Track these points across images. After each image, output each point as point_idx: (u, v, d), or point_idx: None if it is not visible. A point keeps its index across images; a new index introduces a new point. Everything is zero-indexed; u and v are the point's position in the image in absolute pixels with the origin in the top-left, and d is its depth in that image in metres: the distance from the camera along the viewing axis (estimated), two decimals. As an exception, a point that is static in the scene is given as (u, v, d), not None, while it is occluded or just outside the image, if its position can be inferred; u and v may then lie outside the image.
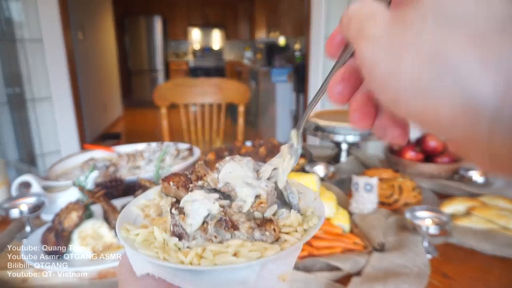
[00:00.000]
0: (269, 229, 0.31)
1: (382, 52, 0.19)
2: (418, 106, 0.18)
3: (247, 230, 0.31)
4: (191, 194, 0.34)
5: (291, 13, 4.98)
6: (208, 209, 0.32)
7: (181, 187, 0.36)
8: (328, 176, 1.22)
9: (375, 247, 0.83)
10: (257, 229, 0.31)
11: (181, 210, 0.33)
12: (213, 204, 0.33)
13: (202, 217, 0.32)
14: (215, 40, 8.66)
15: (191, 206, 0.32)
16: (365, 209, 0.97)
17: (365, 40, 0.20)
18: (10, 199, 0.94)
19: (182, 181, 0.37)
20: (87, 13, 5.00)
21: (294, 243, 0.31)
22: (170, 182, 0.37)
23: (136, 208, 0.38)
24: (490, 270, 0.78)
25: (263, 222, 0.32)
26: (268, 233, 0.31)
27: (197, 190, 0.34)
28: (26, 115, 2.57)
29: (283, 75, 4.63)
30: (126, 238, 0.33)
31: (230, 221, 0.32)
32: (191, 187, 0.36)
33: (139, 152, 1.32)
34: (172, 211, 0.33)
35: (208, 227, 0.32)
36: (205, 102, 1.99)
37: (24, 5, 2.43)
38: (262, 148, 1.34)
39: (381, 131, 0.26)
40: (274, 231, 0.31)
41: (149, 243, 0.32)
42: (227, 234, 0.31)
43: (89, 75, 4.92)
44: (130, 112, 7.31)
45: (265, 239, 0.31)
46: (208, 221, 0.32)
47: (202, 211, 0.32)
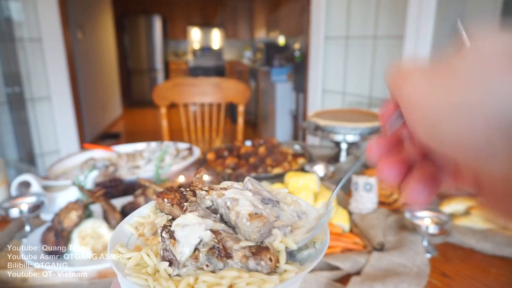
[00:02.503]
0: (264, 258, 0.29)
1: (422, 86, 0.22)
2: (456, 131, 0.20)
3: (240, 259, 0.29)
4: (183, 217, 0.32)
5: (290, 12, 4.98)
6: (200, 236, 0.30)
7: (176, 205, 0.34)
8: (328, 176, 1.22)
9: (374, 247, 0.83)
10: (252, 258, 0.29)
11: (171, 234, 0.31)
12: (204, 231, 0.31)
13: (193, 245, 0.30)
14: (214, 40, 8.65)
15: (182, 232, 0.31)
16: (365, 208, 0.97)
17: (407, 81, 0.23)
18: (10, 198, 0.93)
19: (177, 199, 0.35)
20: (87, 13, 5.00)
21: (294, 275, 0.29)
22: (164, 198, 0.35)
23: (130, 227, 0.36)
24: (489, 269, 0.78)
25: (258, 250, 0.30)
26: (264, 263, 0.29)
27: (190, 214, 0.32)
28: (26, 114, 2.57)
29: (283, 75, 4.63)
30: (117, 262, 0.31)
31: (223, 248, 0.30)
32: (185, 206, 0.34)
33: (139, 152, 1.32)
34: (163, 234, 0.31)
35: (200, 255, 0.30)
36: (205, 102, 1.99)
37: (23, 5, 2.43)
38: (261, 147, 1.34)
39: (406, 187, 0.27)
40: (270, 261, 0.29)
41: (141, 267, 0.31)
42: (219, 263, 0.30)
43: (89, 75, 4.92)
44: (130, 112, 7.31)
45: (260, 269, 0.29)
46: (200, 249, 0.30)
47: (193, 239, 0.30)
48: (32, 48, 2.47)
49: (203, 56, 8.54)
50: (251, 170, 1.22)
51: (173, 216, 0.34)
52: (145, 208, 0.38)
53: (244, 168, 1.22)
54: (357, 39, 2.41)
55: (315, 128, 1.41)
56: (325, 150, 1.61)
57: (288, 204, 0.36)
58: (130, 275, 0.29)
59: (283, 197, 0.37)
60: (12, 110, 2.59)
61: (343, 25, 2.47)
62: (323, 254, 0.31)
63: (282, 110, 4.61)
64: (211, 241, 0.30)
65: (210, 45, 8.64)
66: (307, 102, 2.81)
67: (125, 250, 0.33)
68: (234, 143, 1.43)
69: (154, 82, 7.79)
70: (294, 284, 0.29)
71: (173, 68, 8.31)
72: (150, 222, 0.36)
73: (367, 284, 0.69)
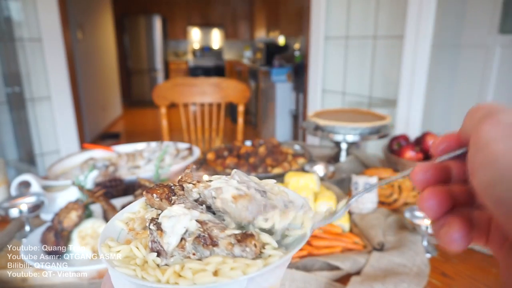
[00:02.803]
0: (249, 245, 0.30)
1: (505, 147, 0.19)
2: None
3: (226, 247, 0.30)
4: (169, 209, 0.33)
5: (290, 12, 4.98)
6: (185, 226, 0.31)
7: (164, 199, 0.35)
8: (328, 176, 1.22)
9: (374, 247, 0.83)
10: (237, 245, 0.30)
11: (159, 225, 0.32)
12: (190, 221, 0.31)
13: (179, 235, 0.31)
14: (214, 40, 8.65)
15: (169, 223, 0.31)
16: (365, 208, 0.97)
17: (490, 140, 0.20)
18: (10, 198, 0.93)
19: (165, 193, 0.36)
20: (87, 13, 5.00)
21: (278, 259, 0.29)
22: (153, 194, 0.36)
23: (120, 222, 0.37)
24: (489, 269, 0.78)
25: (243, 237, 0.30)
26: (249, 249, 0.30)
27: (176, 206, 0.33)
28: (26, 114, 2.57)
29: (283, 75, 4.63)
30: (106, 255, 0.32)
31: (209, 237, 0.31)
32: (173, 199, 0.35)
33: (139, 152, 1.32)
34: (150, 226, 0.32)
35: (186, 244, 0.31)
36: (205, 102, 1.99)
37: (23, 5, 2.43)
38: (261, 147, 1.34)
39: (441, 227, 0.26)
40: (255, 247, 0.30)
41: (130, 259, 0.32)
42: (206, 251, 0.30)
43: (89, 75, 4.92)
44: (130, 112, 7.31)
45: (246, 256, 0.30)
46: (186, 238, 0.31)
47: (179, 229, 0.31)
48: (32, 48, 2.47)
49: (203, 56, 8.54)
50: (251, 170, 1.22)
51: (162, 211, 0.35)
52: (136, 204, 0.39)
53: (244, 168, 1.22)
54: (357, 39, 2.41)
55: (315, 128, 1.41)
56: (325, 150, 1.61)
57: (275, 194, 0.36)
58: (119, 266, 0.30)
59: (270, 187, 0.38)
60: (12, 110, 2.59)
61: (343, 25, 2.47)
62: (307, 238, 0.32)
63: (282, 110, 4.61)
64: (197, 230, 0.31)
65: (210, 45, 8.64)
66: (307, 102, 2.81)
67: (115, 243, 0.34)
68: (234, 143, 1.43)
69: (154, 82, 7.79)
70: (279, 268, 0.30)
71: (173, 68, 8.31)
72: (140, 217, 0.37)
73: (367, 284, 0.69)
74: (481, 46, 2.07)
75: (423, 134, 1.30)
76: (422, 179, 0.26)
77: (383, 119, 1.41)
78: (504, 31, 1.97)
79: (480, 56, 2.08)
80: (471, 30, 2.11)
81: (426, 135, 1.28)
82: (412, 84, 2.06)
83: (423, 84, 2.04)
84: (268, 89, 4.90)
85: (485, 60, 2.05)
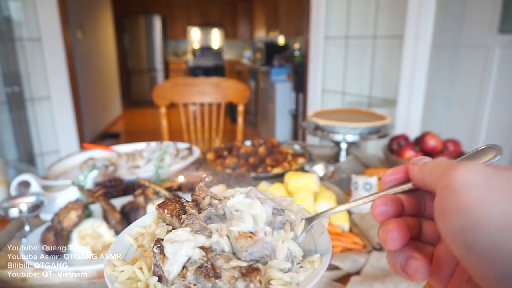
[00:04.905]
0: (254, 280, 0.28)
1: (479, 195, 0.19)
2: None
3: (229, 280, 0.28)
4: (174, 233, 0.31)
5: (290, 12, 4.97)
6: (188, 255, 0.30)
7: (175, 217, 0.34)
8: (328, 176, 1.22)
9: (374, 246, 0.83)
10: (241, 279, 0.28)
11: (162, 249, 0.31)
12: (194, 249, 0.30)
13: (181, 263, 0.30)
14: (214, 40, 8.65)
15: (171, 248, 0.30)
16: (364, 208, 0.97)
17: (463, 187, 0.20)
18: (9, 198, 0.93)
19: (176, 210, 0.35)
20: (86, 12, 4.99)
21: None
22: (165, 209, 0.35)
23: (129, 238, 0.36)
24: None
25: (248, 271, 0.29)
26: (253, 285, 0.28)
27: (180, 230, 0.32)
28: (25, 114, 2.56)
29: (283, 75, 4.63)
30: (110, 276, 0.32)
31: (212, 268, 0.29)
32: (183, 218, 0.34)
33: (139, 152, 1.32)
34: (154, 249, 0.31)
35: (187, 273, 0.30)
36: (205, 102, 1.99)
37: (23, 4, 2.43)
38: (261, 147, 1.34)
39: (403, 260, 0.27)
40: (259, 283, 0.28)
41: (133, 281, 0.31)
42: (207, 283, 0.29)
43: (88, 75, 4.92)
44: (130, 112, 7.31)
45: None
46: (188, 267, 0.30)
47: (181, 257, 0.30)
48: (31, 48, 2.47)
49: (203, 56, 8.54)
50: (250, 170, 1.22)
51: (173, 227, 0.34)
52: (147, 218, 0.38)
53: (244, 168, 1.22)
54: (356, 39, 2.41)
55: (315, 128, 1.41)
56: (325, 150, 1.61)
57: (294, 212, 0.36)
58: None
59: (288, 204, 0.37)
60: (11, 110, 2.59)
61: (343, 25, 2.47)
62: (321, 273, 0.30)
63: (282, 110, 4.61)
64: (200, 260, 0.30)
65: (210, 45, 8.64)
66: (307, 102, 2.81)
67: (120, 262, 0.33)
68: (234, 143, 1.43)
69: (154, 82, 7.79)
70: None
71: (173, 68, 8.31)
72: (150, 233, 0.36)
73: (367, 284, 0.69)
74: (481, 46, 2.07)
75: (422, 134, 1.30)
76: (382, 211, 0.28)
77: (382, 119, 1.41)
78: (503, 31, 1.97)
79: (479, 56, 2.08)
80: (471, 30, 2.11)
81: (425, 135, 1.28)
82: (411, 84, 2.06)
83: (423, 84, 2.04)
84: (268, 89, 4.90)
85: (485, 60, 2.05)
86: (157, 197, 0.91)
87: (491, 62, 2.02)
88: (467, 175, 0.20)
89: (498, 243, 0.18)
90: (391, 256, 0.28)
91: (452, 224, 0.20)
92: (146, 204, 0.89)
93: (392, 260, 0.27)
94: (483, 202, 0.19)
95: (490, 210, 0.19)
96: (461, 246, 0.20)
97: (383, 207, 0.28)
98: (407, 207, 0.28)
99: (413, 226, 0.28)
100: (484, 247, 0.19)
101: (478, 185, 0.20)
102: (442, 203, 0.21)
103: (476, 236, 0.19)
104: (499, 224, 0.18)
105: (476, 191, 0.20)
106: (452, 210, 0.20)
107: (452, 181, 0.21)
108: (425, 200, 0.29)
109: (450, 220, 0.20)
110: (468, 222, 0.19)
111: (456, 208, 0.20)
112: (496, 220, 0.18)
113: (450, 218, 0.20)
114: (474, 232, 0.19)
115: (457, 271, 0.25)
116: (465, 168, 0.21)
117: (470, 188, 0.20)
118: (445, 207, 0.21)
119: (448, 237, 0.21)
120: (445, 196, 0.21)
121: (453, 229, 0.20)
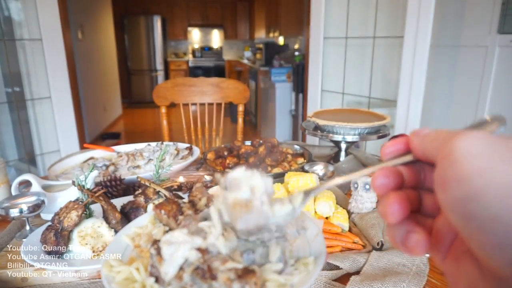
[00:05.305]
0: (249, 282, 0.28)
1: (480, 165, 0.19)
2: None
3: (225, 281, 0.29)
4: (171, 234, 0.31)
5: (290, 13, 4.98)
6: (184, 256, 0.30)
7: (171, 217, 0.35)
8: (327, 176, 1.22)
9: (374, 246, 0.83)
10: (237, 281, 0.28)
11: (159, 250, 0.31)
12: (190, 250, 0.30)
13: (178, 265, 0.30)
14: (214, 40, 8.65)
15: (168, 250, 0.30)
16: (364, 208, 0.97)
17: (464, 156, 0.20)
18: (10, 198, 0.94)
19: (173, 211, 0.35)
20: (87, 13, 5.00)
21: None
22: (162, 210, 0.35)
23: (126, 238, 0.36)
24: (488, 269, 0.78)
25: (244, 272, 0.29)
26: (248, 287, 0.28)
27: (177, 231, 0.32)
28: (26, 114, 2.57)
29: (283, 75, 4.63)
30: (107, 276, 0.32)
31: (208, 269, 0.29)
32: (179, 219, 0.34)
33: (139, 152, 1.32)
34: (151, 250, 0.31)
35: (184, 275, 0.30)
36: (205, 102, 1.99)
37: (23, 5, 2.43)
38: (261, 147, 1.34)
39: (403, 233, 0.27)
40: (255, 285, 0.28)
41: (130, 282, 0.31)
42: (203, 284, 0.29)
43: (89, 75, 4.92)
44: (130, 112, 7.31)
45: None
46: (185, 268, 0.30)
47: (178, 259, 0.30)
48: (32, 48, 2.47)
49: (203, 56, 8.54)
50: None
51: (170, 228, 0.35)
52: (145, 218, 0.39)
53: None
54: (356, 39, 2.42)
55: (315, 128, 1.41)
56: (325, 150, 1.61)
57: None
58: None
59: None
60: (12, 110, 2.59)
61: (343, 26, 2.47)
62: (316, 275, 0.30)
63: (282, 110, 4.61)
64: (196, 261, 0.30)
65: (210, 45, 8.65)
66: (307, 102, 2.81)
67: (117, 263, 0.33)
68: (234, 143, 1.44)
69: (154, 82, 7.80)
70: None
71: (173, 68, 8.32)
72: (147, 233, 0.36)
73: (367, 284, 0.70)
74: (480, 46, 2.07)
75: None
76: (383, 183, 0.27)
77: (382, 119, 1.41)
78: (503, 31, 1.97)
79: (479, 56, 2.08)
80: (470, 31, 2.11)
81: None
82: (411, 84, 2.06)
83: (422, 84, 2.05)
84: (268, 89, 4.90)
85: (484, 60, 2.05)
86: (157, 197, 0.91)
87: (491, 62, 2.02)
88: (468, 144, 0.20)
89: (498, 213, 0.18)
90: (391, 230, 0.27)
91: (452, 194, 0.20)
92: (147, 204, 0.90)
93: (391, 233, 0.27)
94: (484, 172, 0.19)
95: (490, 180, 0.18)
96: (461, 216, 0.20)
97: (383, 179, 0.27)
98: (407, 179, 0.28)
99: (413, 199, 0.28)
100: (484, 217, 0.18)
101: (479, 154, 0.19)
102: (442, 173, 0.21)
103: (476, 206, 0.19)
104: (500, 194, 0.18)
105: (477, 160, 0.19)
106: (452, 180, 0.20)
107: (453, 151, 0.20)
108: (425, 172, 0.29)
109: (450, 190, 0.20)
110: (468, 192, 0.19)
111: (456, 177, 0.20)
112: (496, 190, 0.18)
113: (450, 188, 0.20)
114: (474, 202, 0.19)
115: (456, 243, 0.25)
116: (467, 137, 0.20)
117: (471, 157, 0.19)
118: (445, 177, 0.21)
119: (448, 208, 0.21)
120: (446, 165, 0.21)
121: (453, 199, 0.20)
